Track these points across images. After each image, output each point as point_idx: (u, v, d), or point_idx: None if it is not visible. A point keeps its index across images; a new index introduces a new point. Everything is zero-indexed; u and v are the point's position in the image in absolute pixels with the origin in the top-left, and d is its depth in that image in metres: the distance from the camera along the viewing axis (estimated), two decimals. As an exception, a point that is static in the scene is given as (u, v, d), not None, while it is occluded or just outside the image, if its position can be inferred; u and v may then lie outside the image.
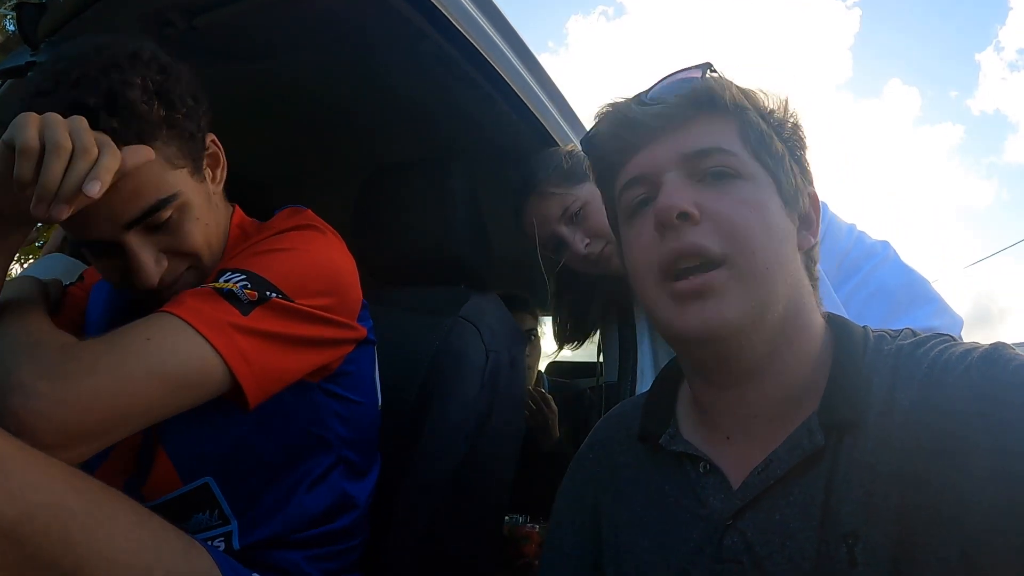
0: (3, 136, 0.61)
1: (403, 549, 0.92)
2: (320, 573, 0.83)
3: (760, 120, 0.61)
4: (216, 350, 0.66)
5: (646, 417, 0.69)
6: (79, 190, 0.60)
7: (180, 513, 0.76)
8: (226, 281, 0.70)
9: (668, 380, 0.71)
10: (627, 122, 0.62)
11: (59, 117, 0.62)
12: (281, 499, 0.80)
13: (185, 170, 0.75)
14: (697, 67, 0.64)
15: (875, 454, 0.53)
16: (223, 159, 0.83)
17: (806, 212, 0.63)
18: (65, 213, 0.60)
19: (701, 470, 0.61)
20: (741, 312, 0.56)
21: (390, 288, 1.16)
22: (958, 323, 1.19)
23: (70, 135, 0.60)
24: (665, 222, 0.58)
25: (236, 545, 0.78)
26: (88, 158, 0.60)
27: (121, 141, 0.66)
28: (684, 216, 0.57)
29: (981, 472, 0.47)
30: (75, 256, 1.42)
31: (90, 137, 0.61)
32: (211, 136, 0.81)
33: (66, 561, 0.54)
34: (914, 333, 0.60)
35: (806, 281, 0.62)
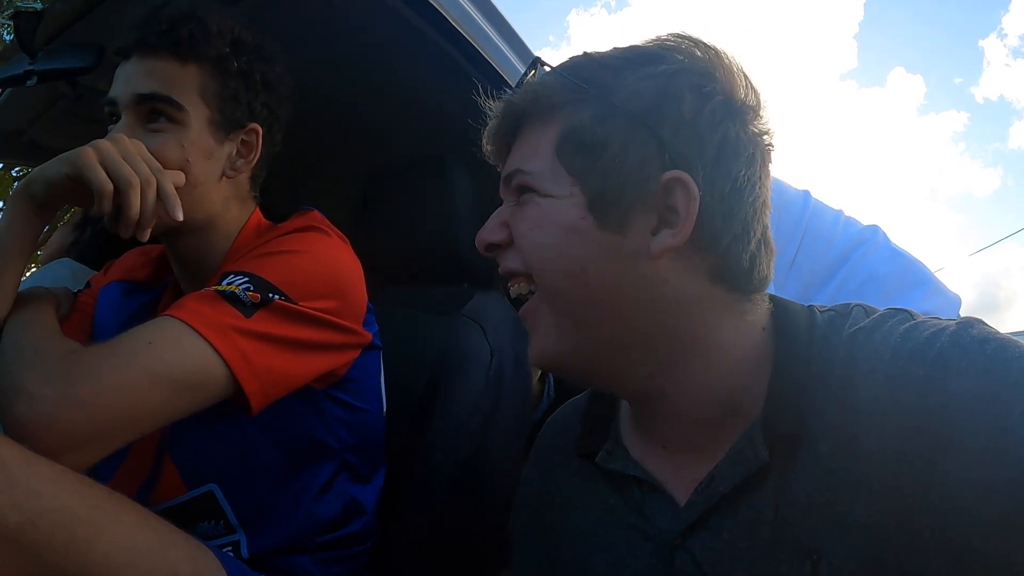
0: (66, 171, 0.67)
1: (410, 547, 0.92)
2: None
3: (584, 111, 0.52)
4: (218, 352, 0.65)
5: (584, 431, 0.64)
6: (154, 214, 0.70)
7: (185, 521, 0.75)
8: (228, 284, 0.70)
9: None
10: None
11: (115, 150, 0.68)
12: (288, 508, 0.80)
13: (206, 110, 0.78)
14: (524, 73, 0.59)
15: (835, 460, 0.47)
16: (256, 155, 0.84)
17: (670, 204, 0.50)
18: (148, 235, 0.70)
19: (644, 488, 0.56)
20: (550, 343, 0.55)
21: (392, 286, 1.16)
22: (955, 302, 1.12)
23: (132, 167, 0.68)
24: (486, 255, 0.59)
25: (245, 554, 0.78)
26: (153, 186, 0.69)
27: (176, 45, 0.75)
28: (492, 247, 0.58)
29: (967, 475, 0.42)
30: (82, 261, 1.43)
31: (146, 166, 0.69)
32: (257, 127, 0.83)
33: (71, 565, 0.54)
34: (866, 312, 0.53)
35: (688, 290, 0.51)
